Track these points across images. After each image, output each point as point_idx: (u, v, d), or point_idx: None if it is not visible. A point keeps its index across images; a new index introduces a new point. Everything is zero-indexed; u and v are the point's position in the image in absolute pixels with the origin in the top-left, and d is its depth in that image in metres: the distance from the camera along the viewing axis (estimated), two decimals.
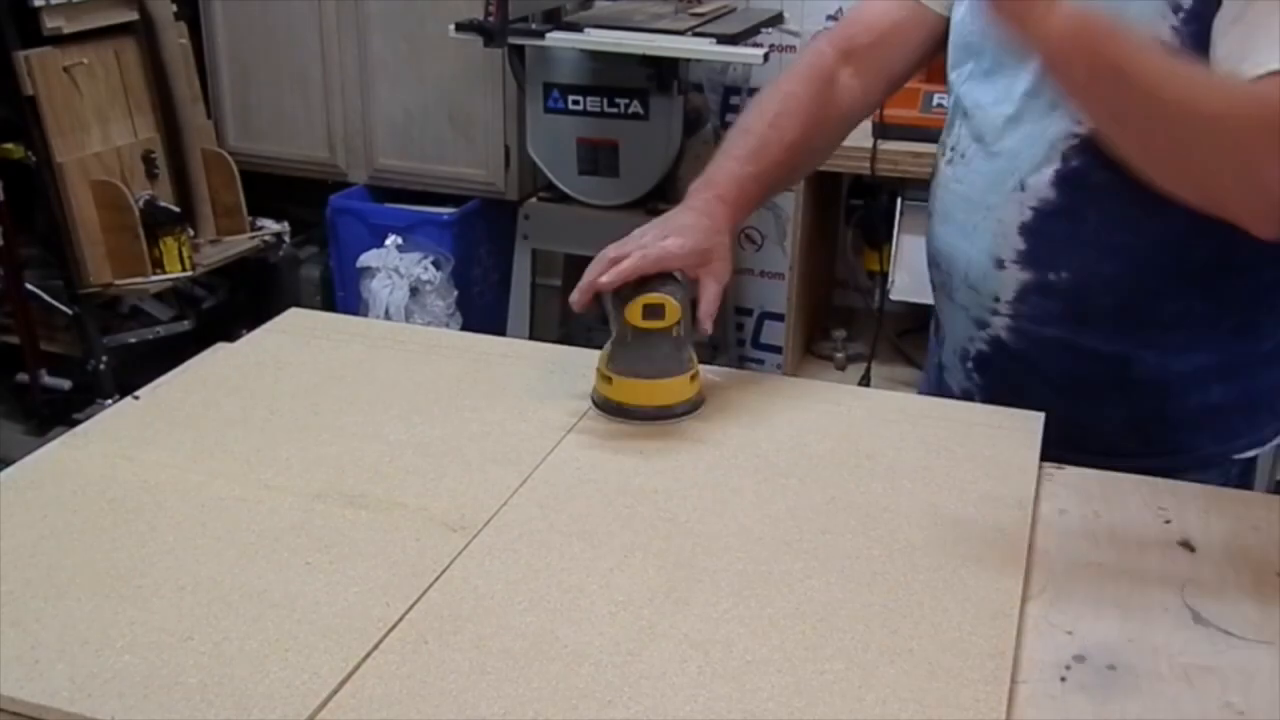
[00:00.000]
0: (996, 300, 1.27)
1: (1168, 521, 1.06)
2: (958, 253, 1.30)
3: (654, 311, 1.18)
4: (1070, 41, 1.00)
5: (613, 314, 1.22)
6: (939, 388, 1.43)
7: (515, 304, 3.06)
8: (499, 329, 3.03)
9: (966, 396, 1.35)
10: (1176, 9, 1.09)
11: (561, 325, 3.27)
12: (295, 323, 1.46)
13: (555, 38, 2.68)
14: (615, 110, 2.78)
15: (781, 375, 2.57)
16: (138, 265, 2.95)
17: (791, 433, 1.20)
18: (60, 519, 1.03)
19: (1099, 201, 1.18)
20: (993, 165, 1.25)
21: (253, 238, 3.25)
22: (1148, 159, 1.04)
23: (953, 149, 1.32)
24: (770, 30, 2.87)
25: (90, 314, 3.03)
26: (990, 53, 1.25)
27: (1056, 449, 1.16)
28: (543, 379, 1.31)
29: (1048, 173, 1.20)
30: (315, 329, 1.44)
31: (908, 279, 2.51)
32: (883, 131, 2.45)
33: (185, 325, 3.24)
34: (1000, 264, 1.25)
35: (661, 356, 1.21)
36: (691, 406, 1.24)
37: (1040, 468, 1.12)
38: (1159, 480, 1.13)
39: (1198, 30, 1.07)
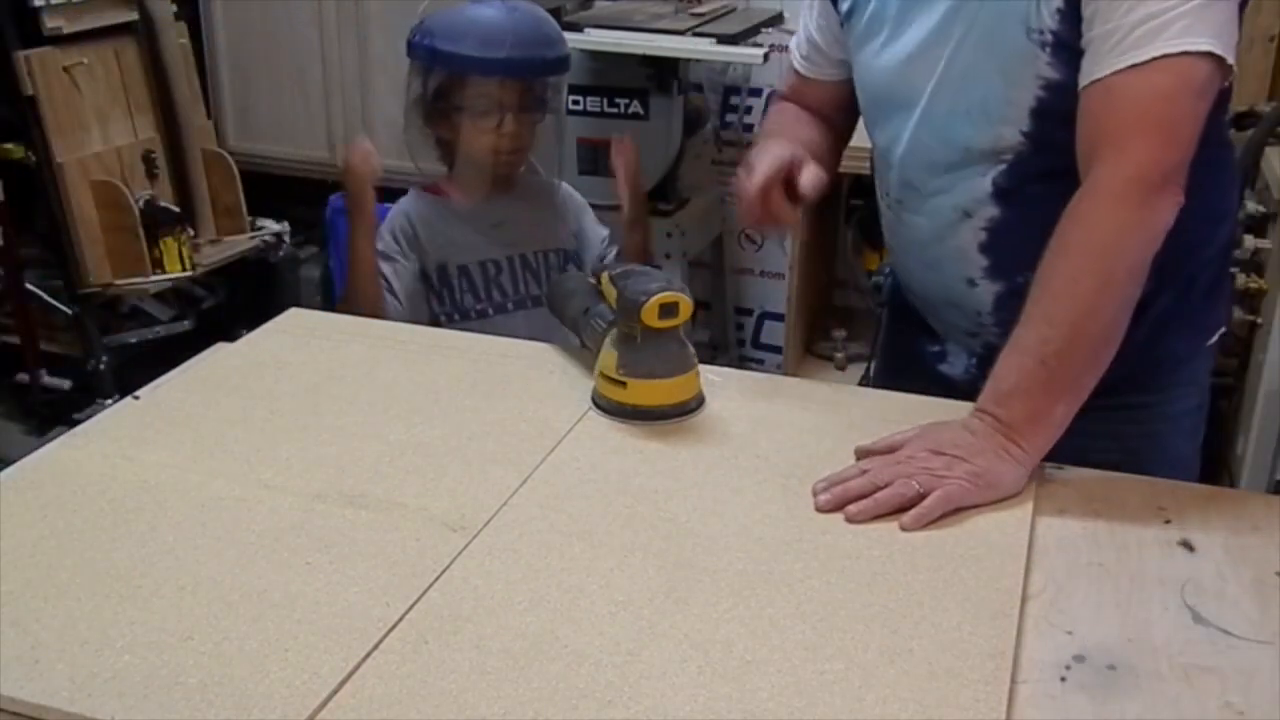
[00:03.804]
0: (979, 314, 1.32)
1: (1168, 521, 1.06)
2: (929, 282, 1.37)
3: (669, 310, 1.18)
4: (1039, 438, 1.09)
5: (616, 319, 1.22)
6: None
7: None
8: None
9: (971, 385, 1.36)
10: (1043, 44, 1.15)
11: None
12: (295, 323, 1.46)
13: None
14: (615, 110, 2.78)
15: (781, 375, 2.57)
16: (138, 265, 2.95)
17: (791, 433, 1.20)
18: (60, 519, 1.02)
19: (1040, 205, 1.19)
20: (932, 203, 1.30)
21: (253, 238, 3.25)
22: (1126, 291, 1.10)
23: (888, 195, 1.38)
24: (770, 30, 2.86)
25: (90, 314, 3.03)
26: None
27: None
28: (543, 379, 1.31)
29: (985, 197, 1.24)
30: (315, 329, 1.44)
31: None
32: None
33: (185, 325, 3.23)
34: (971, 283, 1.30)
35: (672, 354, 1.21)
36: (700, 401, 1.24)
37: (1040, 467, 1.11)
38: (1159, 480, 1.13)
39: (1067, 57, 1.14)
